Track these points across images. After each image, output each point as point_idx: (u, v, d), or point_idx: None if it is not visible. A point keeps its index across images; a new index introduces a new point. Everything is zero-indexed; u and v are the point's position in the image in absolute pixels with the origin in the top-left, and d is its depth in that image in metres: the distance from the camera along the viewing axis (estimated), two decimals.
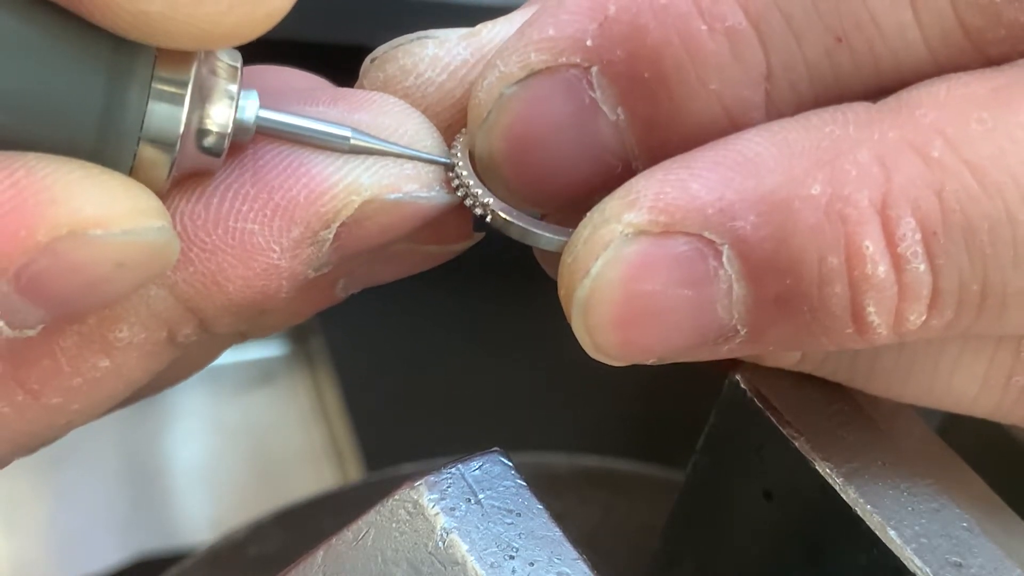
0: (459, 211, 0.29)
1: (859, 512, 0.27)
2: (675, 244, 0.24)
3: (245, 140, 0.26)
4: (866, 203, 0.23)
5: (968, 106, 0.24)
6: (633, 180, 0.25)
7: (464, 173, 0.27)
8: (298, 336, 0.66)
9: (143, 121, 0.24)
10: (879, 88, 0.25)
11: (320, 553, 0.25)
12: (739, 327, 0.25)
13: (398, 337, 0.62)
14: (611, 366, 0.30)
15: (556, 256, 0.27)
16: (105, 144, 0.24)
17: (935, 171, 0.23)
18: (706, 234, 0.24)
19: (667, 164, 0.25)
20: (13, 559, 0.56)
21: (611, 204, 0.25)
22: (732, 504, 0.30)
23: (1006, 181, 0.23)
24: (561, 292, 0.26)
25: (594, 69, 0.25)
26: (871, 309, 0.24)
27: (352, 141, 0.26)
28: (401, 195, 0.26)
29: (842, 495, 0.27)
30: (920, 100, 0.24)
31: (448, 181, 0.27)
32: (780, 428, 0.28)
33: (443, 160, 0.27)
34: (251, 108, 0.25)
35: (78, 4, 0.22)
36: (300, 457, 0.63)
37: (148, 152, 0.24)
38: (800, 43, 0.25)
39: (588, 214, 0.26)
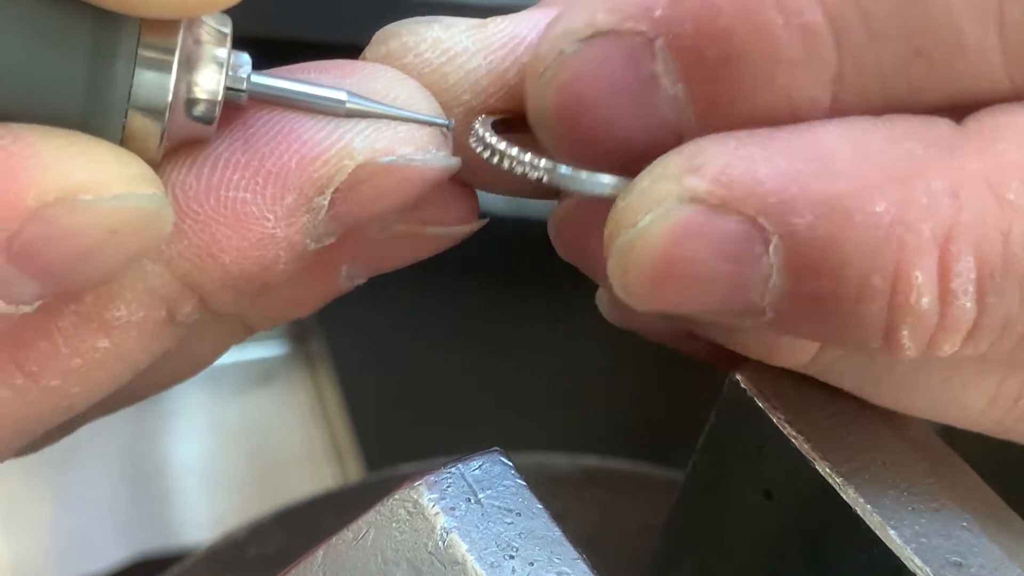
0: (464, 190, 0.29)
1: (859, 512, 0.27)
2: (727, 221, 0.24)
3: (239, 104, 0.25)
4: (928, 234, 0.23)
5: None
6: (704, 141, 0.24)
7: (494, 140, 0.26)
8: (298, 336, 0.66)
9: (130, 90, 0.24)
10: (951, 106, 0.25)
11: (320, 553, 0.25)
12: (768, 312, 0.25)
13: (398, 337, 0.62)
14: (611, 366, 0.30)
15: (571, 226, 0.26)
16: (93, 114, 0.24)
17: (1006, 212, 0.23)
18: (760, 219, 0.24)
19: (741, 136, 0.24)
20: (13, 559, 0.56)
21: (676, 161, 0.24)
22: (732, 504, 0.30)
23: None
24: (606, 232, 0.25)
25: (659, 41, 0.25)
26: (905, 333, 0.24)
27: (348, 104, 0.26)
28: (395, 158, 0.26)
29: (842, 495, 0.27)
30: (1004, 133, 0.24)
31: (460, 148, 0.27)
32: (780, 428, 0.28)
33: (441, 121, 0.27)
34: (243, 73, 0.25)
35: None
36: (300, 457, 0.64)
37: (137, 121, 0.24)
38: (876, 49, 0.24)
39: (651, 165, 0.25)
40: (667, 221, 0.24)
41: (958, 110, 0.25)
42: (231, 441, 0.63)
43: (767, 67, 0.24)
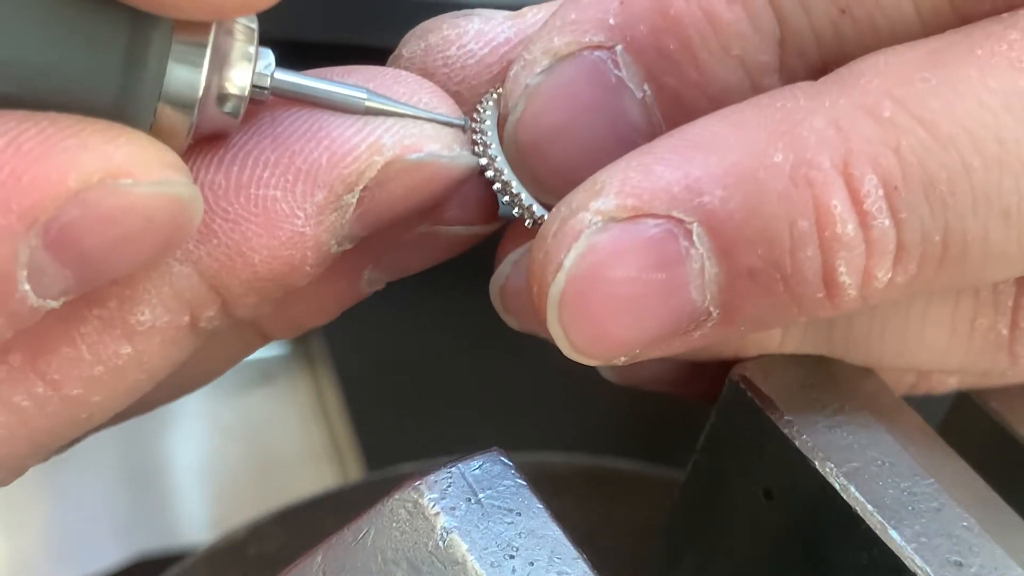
0: (484, 188, 0.29)
1: (859, 511, 0.27)
2: (645, 227, 0.24)
3: (261, 101, 0.25)
4: (828, 165, 0.24)
5: (909, 69, 0.24)
6: (597, 173, 0.25)
7: (489, 142, 0.27)
8: (298, 336, 0.66)
9: (162, 83, 0.24)
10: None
11: (320, 553, 0.25)
12: (711, 308, 0.25)
13: (398, 337, 0.62)
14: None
15: (513, 293, 0.27)
16: (125, 106, 0.24)
17: (889, 129, 0.24)
18: (675, 214, 0.24)
19: (628, 155, 0.25)
20: (13, 559, 0.56)
21: (577, 196, 0.25)
22: (732, 504, 0.30)
23: (957, 132, 0.24)
24: (533, 290, 0.26)
25: (619, 47, 0.26)
26: (842, 269, 0.24)
27: (367, 103, 0.26)
28: (423, 155, 0.26)
29: (842, 495, 0.27)
30: (862, 71, 0.25)
31: (472, 144, 0.27)
32: (780, 428, 0.28)
33: (457, 122, 0.27)
34: (267, 69, 0.25)
35: None
36: (300, 457, 0.63)
37: (168, 114, 0.24)
38: (808, 13, 0.25)
39: (554, 209, 0.26)
40: (590, 250, 0.24)
41: None
42: (231, 441, 0.63)
43: (721, 41, 0.25)
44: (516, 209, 0.27)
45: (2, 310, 0.23)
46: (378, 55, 0.30)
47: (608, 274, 0.25)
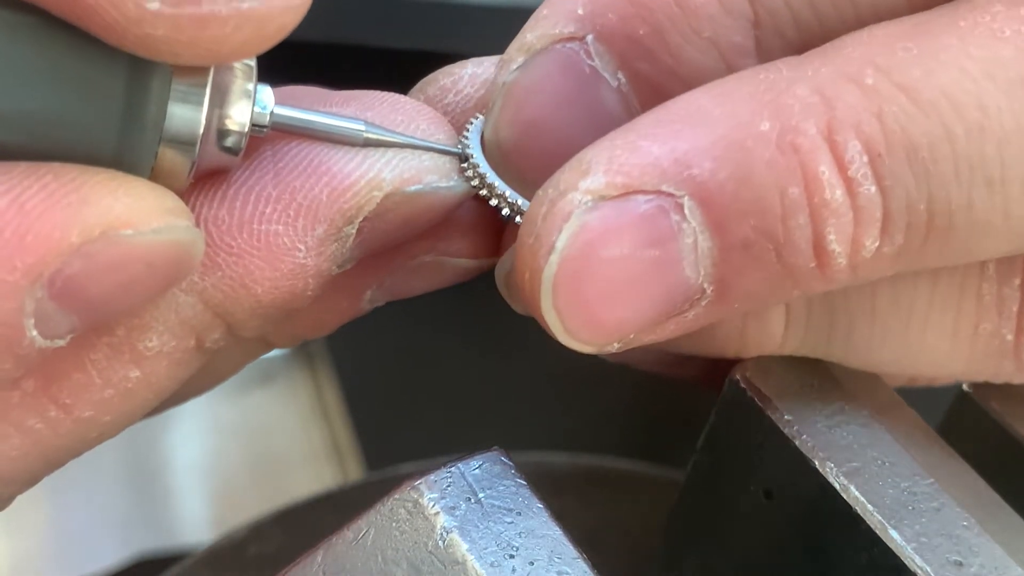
0: (489, 223, 0.29)
1: (859, 511, 0.27)
2: (636, 204, 0.24)
3: (261, 136, 0.26)
4: (814, 131, 0.24)
5: (892, 39, 0.24)
6: (582, 152, 0.25)
7: (478, 163, 0.27)
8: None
9: (163, 125, 0.24)
10: None
11: (320, 553, 0.25)
12: (705, 285, 0.25)
13: (398, 337, 0.62)
14: (610, 365, 0.30)
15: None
16: (126, 150, 0.24)
17: (871, 96, 0.24)
18: (665, 188, 0.24)
19: (612, 133, 0.25)
20: (13, 559, 0.56)
21: (564, 176, 0.25)
22: (732, 503, 0.30)
23: (939, 99, 0.24)
24: (525, 276, 0.25)
25: (589, 37, 0.26)
26: (832, 237, 0.24)
27: (366, 134, 0.26)
28: (422, 186, 0.27)
29: (842, 494, 0.27)
30: (845, 43, 0.25)
31: (462, 171, 0.27)
32: (780, 427, 0.28)
33: (455, 150, 0.27)
34: (267, 105, 0.26)
35: (90, 25, 0.22)
36: (300, 457, 0.63)
37: (168, 154, 0.24)
38: None
39: (540, 190, 0.25)
40: (581, 229, 0.24)
41: None
42: (231, 441, 0.63)
43: (692, 23, 0.25)
44: (507, 210, 0.27)
45: (11, 354, 0.23)
46: (378, 55, 0.30)
47: (602, 253, 0.24)
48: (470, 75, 0.29)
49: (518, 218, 0.27)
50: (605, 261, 0.24)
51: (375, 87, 0.28)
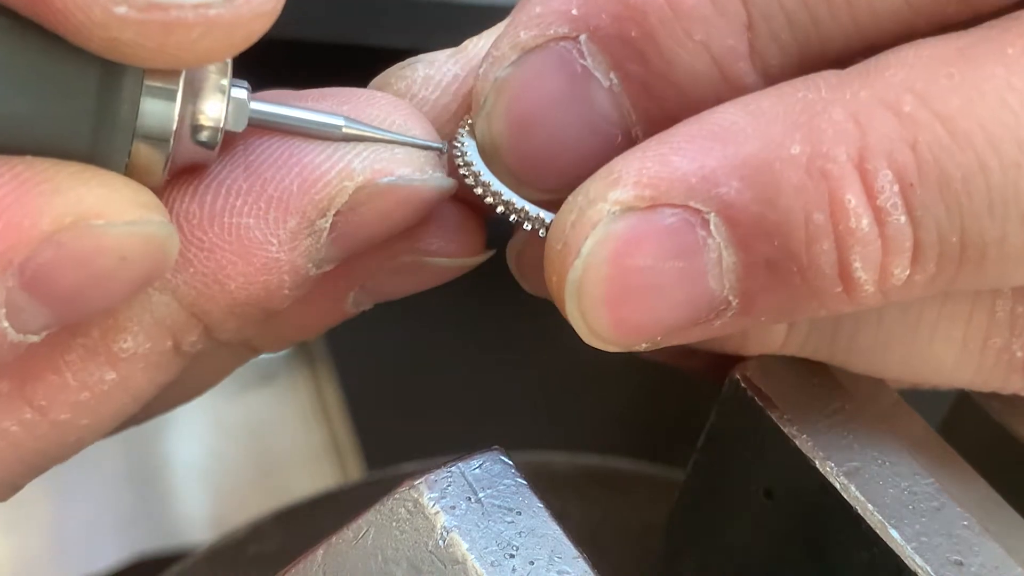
0: (471, 222, 0.29)
1: (860, 511, 0.27)
2: (662, 216, 0.24)
3: (238, 132, 0.26)
4: (844, 158, 0.24)
5: (936, 64, 0.24)
6: (612, 161, 0.25)
7: (471, 161, 0.27)
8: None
9: (136, 120, 0.24)
10: (860, 39, 0.25)
11: (320, 552, 0.25)
12: (730, 298, 0.25)
13: (398, 337, 0.62)
14: (610, 365, 0.30)
15: (530, 259, 0.26)
16: (100, 147, 0.24)
17: (907, 125, 0.24)
18: (692, 203, 0.24)
19: (644, 144, 0.25)
20: (14, 559, 0.56)
21: (594, 185, 0.25)
22: (732, 503, 0.30)
23: (976, 131, 0.23)
24: (552, 279, 0.26)
25: (582, 37, 0.26)
26: (857, 264, 0.24)
27: (344, 129, 0.26)
28: (394, 179, 0.26)
29: (842, 494, 0.27)
30: (888, 63, 0.24)
31: (454, 170, 0.27)
32: (781, 427, 0.28)
33: (435, 145, 0.27)
34: (242, 100, 0.25)
35: (58, 27, 0.22)
36: (300, 457, 0.63)
37: (143, 150, 0.24)
38: None
39: (570, 197, 0.26)
40: (608, 238, 0.25)
41: (870, 47, 0.25)
42: (231, 441, 0.63)
43: (684, 26, 0.25)
44: (506, 211, 0.27)
45: None
46: (378, 55, 0.30)
47: (627, 262, 0.25)
48: (423, 78, 0.29)
49: (512, 216, 0.27)
50: (630, 269, 0.25)
51: (340, 84, 0.28)
